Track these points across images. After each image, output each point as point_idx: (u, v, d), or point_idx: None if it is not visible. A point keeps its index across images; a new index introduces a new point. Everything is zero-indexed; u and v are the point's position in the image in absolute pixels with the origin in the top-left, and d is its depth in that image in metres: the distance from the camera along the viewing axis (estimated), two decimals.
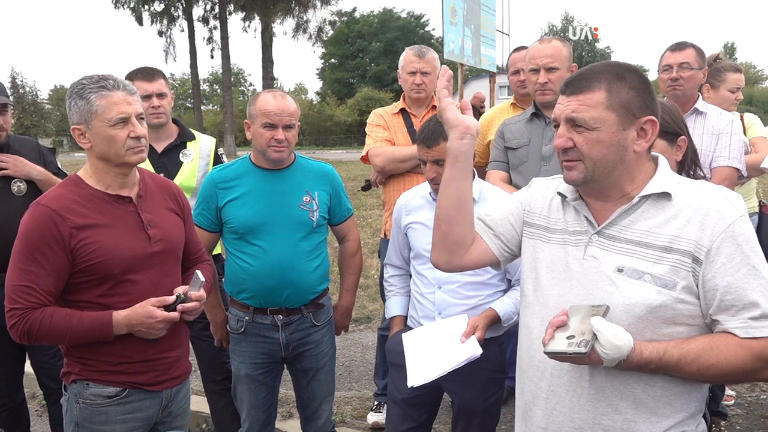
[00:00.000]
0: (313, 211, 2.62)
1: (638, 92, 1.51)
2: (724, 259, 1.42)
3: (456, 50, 9.69)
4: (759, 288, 1.42)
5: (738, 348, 1.42)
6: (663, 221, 1.49)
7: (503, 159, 3.16)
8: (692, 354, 1.43)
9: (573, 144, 1.53)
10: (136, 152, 2.01)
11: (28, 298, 1.89)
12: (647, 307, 1.46)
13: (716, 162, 3.01)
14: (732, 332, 1.43)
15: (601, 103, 1.49)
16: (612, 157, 1.51)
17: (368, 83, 57.53)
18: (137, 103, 2.02)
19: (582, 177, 1.54)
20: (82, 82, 1.97)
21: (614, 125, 1.49)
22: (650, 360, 1.43)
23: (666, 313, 1.46)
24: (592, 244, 1.57)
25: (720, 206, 1.46)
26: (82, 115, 1.96)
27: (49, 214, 1.92)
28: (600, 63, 1.58)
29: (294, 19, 42.20)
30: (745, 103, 46.50)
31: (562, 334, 1.45)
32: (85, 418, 2.06)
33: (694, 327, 1.48)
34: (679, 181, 1.55)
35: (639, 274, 1.48)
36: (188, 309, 2.05)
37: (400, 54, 3.61)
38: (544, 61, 2.96)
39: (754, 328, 1.41)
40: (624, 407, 1.53)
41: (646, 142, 1.52)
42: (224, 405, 3.23)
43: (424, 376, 2.27)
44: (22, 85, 45.55)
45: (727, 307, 1.43)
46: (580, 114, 1.51)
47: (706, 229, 1.44)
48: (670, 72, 3.11)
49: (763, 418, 3.61)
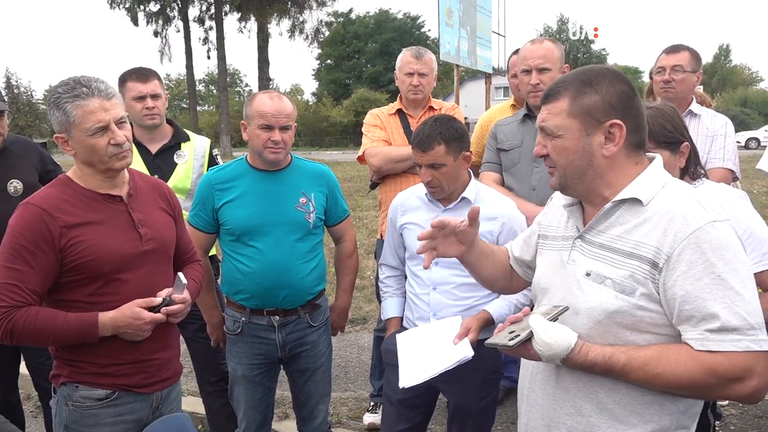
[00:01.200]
0: (310, 212, 2.62)
1: (604, 96, 1.49)
2: (684, 266, 1.37)
3: (452, 51, 9.72)
4: (722, 299, 1.34)
5: (689, 360, 1.37)
6: (633, 227, 1.48)
7: (496, 160, 3.16)
8: (639, 361, 1.41)
9: (546, 152, 1.57)
10: (119, 158, 1.98)
11: (12, 296, 1.86)
12: (604, 311, 1.47)
13: (710, 164, 3.03)
14: (688, 343, 1.39)
15: (564, 111, 1.52)
16: (579, 163, 1.52)
17: (364, 84, 57.54)
18: (116, 107, 1.96)
19: (558, 183, 1.59)
20: (57, 90, 1.92)
21: (576, 131, 1.51)
22: (595, 362, 1.45)
23: (624, 320, 1.45)
24: (575, 249, 1.60)
25: (687, 211, 1.41)
26: (62, 125, 1.93)
27: (39, 213, 1.90)
28: (576, 69, 1.61)
29: (290, 20, 42.22)
30: (740, 104, 46.74)
31: (509, 329, 1.53)
32: (74, 420, 2.04)
33: (662, 336, 1.45)
34: (665, 184, 1.50)
35: (602, 278, 1.49)
36: (172, 312, 2.04)
37: (396, 55, 3.62)
38: (536, 62, 2.96)
39: (710, 340, 1.35)
40: (587, 410, 1.54)
41: (614, 146, 1.50)
42: (220, 406, 3.22)
43: (415, 376, 2.27)
44: (17, 85, 45.34)
45: (686, 317, 1.38)
46: (547, 123, 1.56)
47: (669, 235, 1.40)
48: (663, 74, 3.13)
49: (757, 419, 3.63)
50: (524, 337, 1.46)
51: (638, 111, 1.53)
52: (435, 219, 1.77)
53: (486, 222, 2.41)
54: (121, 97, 2.06)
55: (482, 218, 2.41)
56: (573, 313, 1.53)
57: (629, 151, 1.52)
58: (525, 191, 2.95)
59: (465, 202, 2.44)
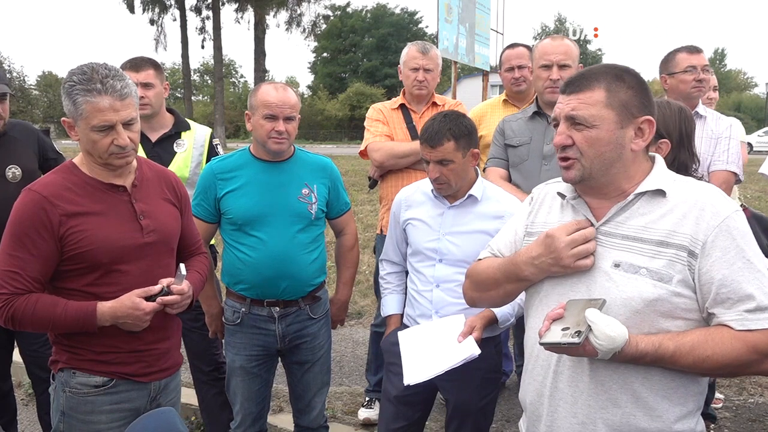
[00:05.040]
0: (312, 203, 2.60)
1: (636, 93, 1.55)
2: (719, 252, 1.45)
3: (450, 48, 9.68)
4: (754, 281, 1.43)
5: (733, 340, 1.43)
6: (658, 217, 1.52)
7: (503, 156, 3.14)
8: (687, 346, 1.44)
9: (572, 142, 1.56)
10: (119, 158, 1.96)
11: (14, 283, 1.88)
12: (644, 300, 1.48)
13: (714, 166, 3.02)
14: (728, 325, 1.45)
15: (601, 102, 1.53)
16: (610, 155, 1.54)
17: (360, 78, 57.36)
18: (128, 107, 1.91)
19: (579, 175, 1.58)
20: (72, 78, 1.88)
21: (612, 123, 1.53)
22: (646, 352, 1.45)
23: (663, 307, 1.48)
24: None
25: (715, 201, 1.49)
26: (70, 113, 1.91)
27: (39, 200, 1.89)
28: (599, 65, 1.63)
29: (288, 12, 42.00)
30: (734, 109, 46.98)
31: (557, 326, 1.49)
32: (71, 407, 2.03)
33: (692, 321, 1.50)
34: (675, 179, 1.58)
35: (635, 268, 1.51)
36: (169, 302, 2.02)
37: (393, 50, 3.63)
38: (558, 57, 2.94)
39: (749, 320, 1.43)
40: (623, 401, 1.54)
41: (643, 141, 1.56)
42: (213, 395, 3.21)
43: (420, 374, 2.27)
44: (10, 70, 45.03)
45: (722, 300, 1.45)
46: (579, 112, 1.55)
47: (702, 223, 1.47)
48: (694, 73, 3.11)
49: (750, 422, 3.65)
50: (587, 333, 1.43)
51: (655, 110, 1.60)
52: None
53: (492, 220, 2.39)
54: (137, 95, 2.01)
55: (488, 216, 2.42)
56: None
57: (646, 148, 1.60)
58: (533, 188, 2.94)
59: (471, 199, 2.42)
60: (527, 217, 1.81)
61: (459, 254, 2.40)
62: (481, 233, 2.38)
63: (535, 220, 1.79)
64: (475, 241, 2.38)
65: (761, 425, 3.62)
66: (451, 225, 2.44)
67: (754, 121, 44.97)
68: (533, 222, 1.78)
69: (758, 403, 3.87)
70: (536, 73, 3.07)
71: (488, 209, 2.42)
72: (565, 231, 1.59)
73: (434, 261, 2.45)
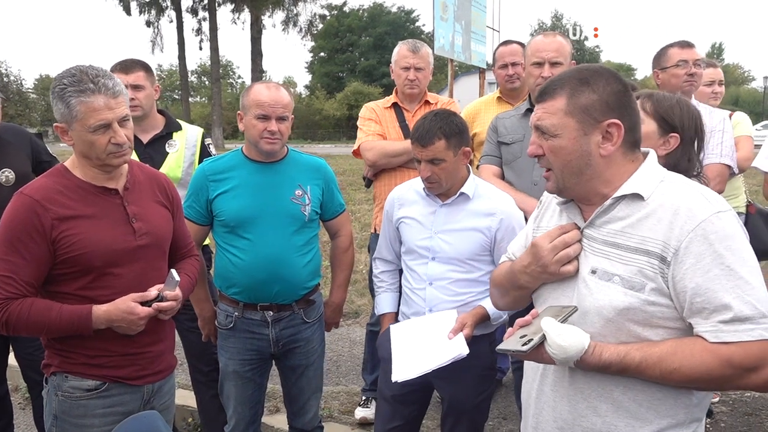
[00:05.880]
0: (305, 205, 2.58)
1: (602, 95, 1.48)
2: (692, 259, 1.36)
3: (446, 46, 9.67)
4: (733, 289, 1.34)
5: (704, 353, 1.35)
6: (635, 221, 1.46)
7: (496, 153, 3.13)
8: (655, 357, 1.38)
9: (542, 151, 1.55)
10: (117, 156, 1.95)
11: (7, 288, 1.87)
12: (614, 309, 1.44)
13: (708, 159, 3.02)
14: (702, 336, 1.37)
15: (561, 110, 1.50)
16: (576, 163, 1.50)
17: (357, 77, 57.38)
18: (121, 105, 1.92)
19: (555, 186, 1.57)
20: (63, 81, 1.87)
21: (574, 131, 1.49)
22: (610, 362, 1.41)
23: (636, 316, 1.43)
24: None
25: (691, 204, 1.41)
26: (63, 116, 1.90)
27: (31, 204, 1.89)
28: (571, 68, 1.60)
29: (284, 12, 42.01)
30: (731, 103, 46.97)
31: (520, 333, 1.49)
32: (63, 411, 2.03)
33: (675, 330, 1.43)
34: (663, 179, 1.50)
35: (609, 276, 1.47)
36: (163, 308, 2.02)
37: (390, 49, 3.59)
38: (549, 55, 2.92)
39: (724, 332, 1.34)
40: (603, 409, 1.51)
41: (612, 146, 1.49)
42: (211, 396, 3.19)
43: (408, 371, 2.26)
44: (7, 74, 45.12)
45: (698, 310, 1.37)
46: (543, 121, 1.53)
47: (675, 228, 1.39)
48: (686, 67, 3.11)
49: (747, 416, 3.65)
50: (537, 342, 1.42)
51: (634, 110, 1.53)
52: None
53: (484, 218, 2.39)
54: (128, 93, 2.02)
55: (480, 214, 2.42)
56: (582, 312, 1.50)
57: (626, 149, 1.51)
58: (526, 186, 2.93)
59: (463, 197, 2.42)
60: (534, 221, 1.80)
61: (451, 252, 2.40)
62: (473, 231, 2.38)
63: (541, 224, 1.77)
64: (467, 239, 2.38)
65: (757, 419, 3.62)
66: (443, 223, 2.43)
67: (752, 116, 44.76)
68: (539, 226, 1.77)
69: (754, 397, 3.87)
70: (528, 70, 3.06)
71: (480, 207, 2.42)
72: (549, 238, 1.58)
73: (427, 259, 2.44)
